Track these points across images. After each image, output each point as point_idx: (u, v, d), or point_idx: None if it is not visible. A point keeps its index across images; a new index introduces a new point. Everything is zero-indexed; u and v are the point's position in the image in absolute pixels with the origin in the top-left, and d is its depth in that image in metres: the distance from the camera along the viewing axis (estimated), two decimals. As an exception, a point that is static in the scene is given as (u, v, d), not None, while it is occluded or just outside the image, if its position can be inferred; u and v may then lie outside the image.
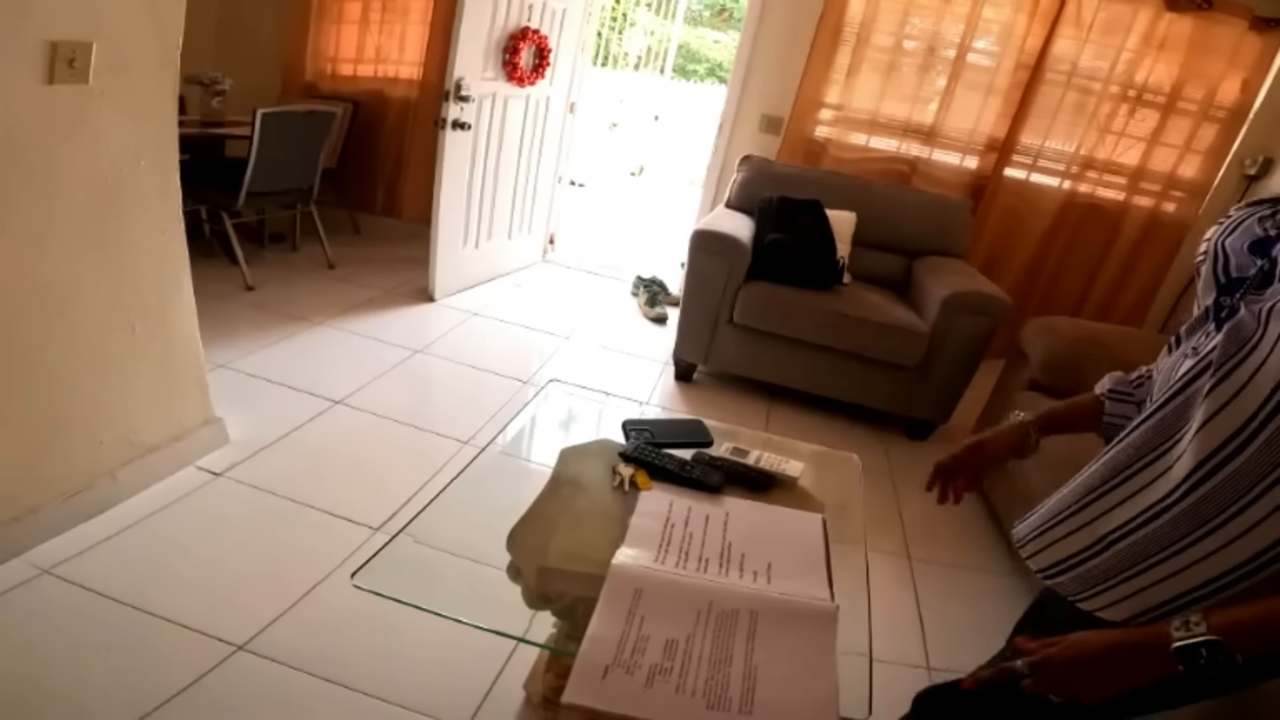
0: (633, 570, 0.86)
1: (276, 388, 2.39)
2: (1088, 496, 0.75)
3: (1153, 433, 0.71)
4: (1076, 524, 0.75)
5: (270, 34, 4.13)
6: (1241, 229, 0.75)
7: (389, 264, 3.72)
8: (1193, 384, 0.68)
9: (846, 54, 3.40)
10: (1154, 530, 0.68)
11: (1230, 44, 3.10)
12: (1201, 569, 0.65)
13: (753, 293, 2.71)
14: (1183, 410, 0.68)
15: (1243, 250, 0.73)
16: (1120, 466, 0.72)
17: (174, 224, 1.73)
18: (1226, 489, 0.63)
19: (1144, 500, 0.69)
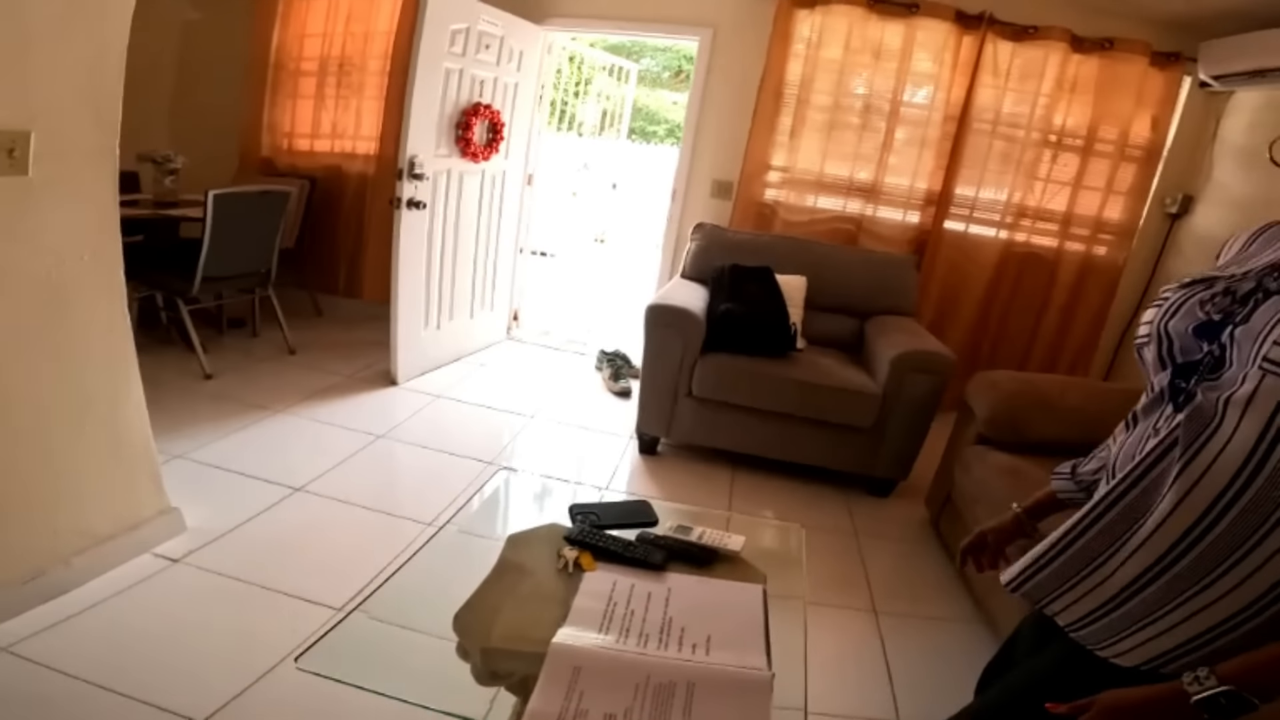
0: (572, 648, 0.88)
1: (235, 476, 2.38)
2: (1099, 557, 0.78)
3: (1138, 499, 0.75)
4: (1095, 581, 0.78)
5: (225, 110, 4.21)
6: (1183, 312, 0.80)
7: (352, 347, 3.75)
8: (1161, 461, 0.74)
9: (789, 115, 3.54)
10: (1164, 584, 0.72)
11: (1135, 81, 3.29)
12: (1202, 618, 0.71)
13: (709, 365, 2.79)
14: (1158, 482, 0.73)
15: (1187, 334, 0.78)
16: (1118, 532, 0.76)
17: (119, 320, 1.76)
18: (1209, 554, 0.69)
19: (1147, 558, 0.73)
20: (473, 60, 3.28)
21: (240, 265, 3.33)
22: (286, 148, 4.22)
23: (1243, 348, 0.70)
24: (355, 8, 3.93)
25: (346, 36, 3.97)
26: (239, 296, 3.68)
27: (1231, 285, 0.78)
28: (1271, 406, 0.65)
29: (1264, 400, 0.66)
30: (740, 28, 3.55)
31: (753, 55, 3.49)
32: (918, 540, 2.59)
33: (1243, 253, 0.87)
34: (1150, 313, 0.85)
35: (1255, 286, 0.75)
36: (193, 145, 3.87)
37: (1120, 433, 0.89)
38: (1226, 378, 0.70)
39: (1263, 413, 0.66)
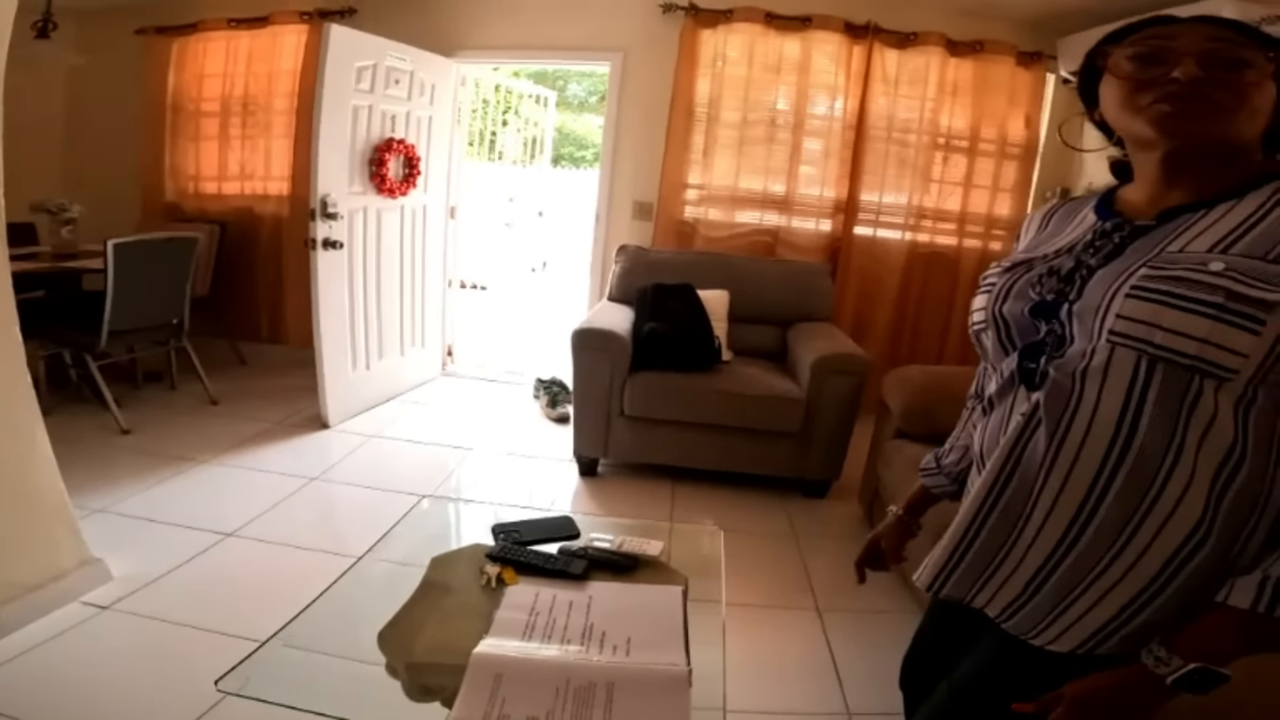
0: (492, 656, 0.91)
1: (162, 526, 2.34)
2: (1005, 545, 0.77)
3: (1020, 484, 0.76)
4: (1009, 569, 0.77)
5: (123, 156, 4.12)
6: (1014, 295, 0.82)
7: (279, 394, 3.67)
8: (1029, 441, 0.75)
9: (701, 134, 3.66)
10: (1072, 562, 0.73)
11: (1006, 81, 3.54)
12: (1119, 592, 0.72)
13: (638, 384, 2.85)
14: (1030, 461, 0.74)
15: (1023, 315, 0.80)
16: (1013, 519, 0.76)
17: (20, 379, 1.75)
18: (1108, 525, 0.71)
19: (1050, 540, 0.74)
20: (382, 96, 3.29)
21: (149, 317, 3.24)
22: (193, 191, 4.14)
23: (1083, 322, 0.73)
24: (256, 47, 3.91)
25: (249, 76, 3.94)
26: (153, 349, 3.55)
27: (1053, 265, 0.81)
28: (1128, 375, 0.68)
29: (1119, 370, 0.69)
30: (649, 50, 3.66)
31: (662, 77, 3.62)
32: (855, 537, 2.68)
33: (1040, 234, 0.92)
34: (980, 299, 0.87)
35: (1076, 264, 0.79)
36: (90, 194, 3.76)
37: (978, 419, 0.90)
38: (1072, 353, 0.73)
39: (1121, 382, 0.69)
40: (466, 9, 3.76)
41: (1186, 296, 0.66)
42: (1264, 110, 0.73)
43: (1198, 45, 0.72)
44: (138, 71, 4.05)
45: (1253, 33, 0.73)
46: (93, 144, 4.13)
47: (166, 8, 3.96)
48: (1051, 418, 0.73)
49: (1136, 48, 0.77)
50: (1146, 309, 0.67)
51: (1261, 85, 0.72)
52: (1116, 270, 0.73)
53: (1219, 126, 0.72)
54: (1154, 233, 0.75)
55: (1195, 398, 0.67)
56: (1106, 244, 0.78)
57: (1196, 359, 0.66)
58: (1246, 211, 0.71)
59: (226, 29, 3.90)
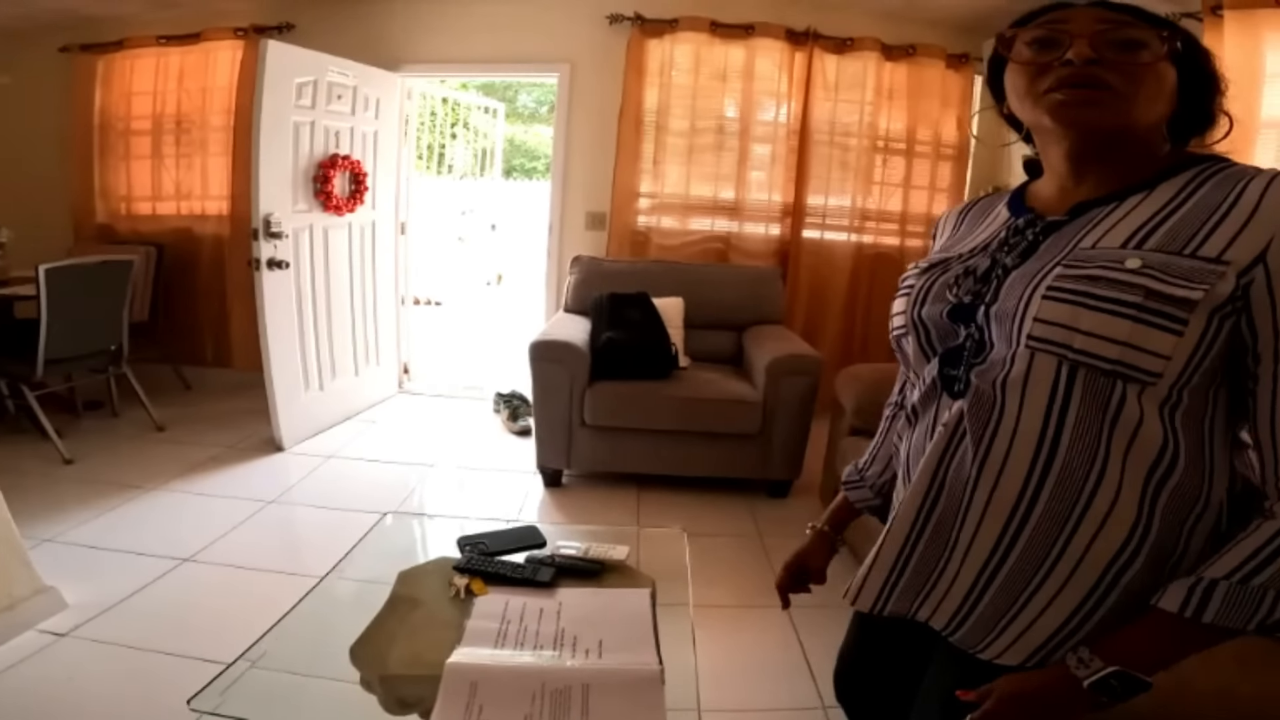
0: (466, 665, 0.92)
1: (114, 554, 2.28)
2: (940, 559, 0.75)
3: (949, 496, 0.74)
4: (947, 582, 0.75)
5: (51, 176, 3.97)
6: (932, 298, 0.79)
7: (228, 418, 3.57)
8: (955, 452, 0.73)
9: (650, 143, 3.70)
10: (1009, 572, 0.71)
11: (938, 84, 3.67)
12: (1060, 603, 0.69)
13: (598, 393, 2.86)
14: (958, 473, 0.73)
15: (942, 319, 0.77)
16: (946, 532, 0.74)
17: None
18: (1040, 535, 0.69)
19: (983, 551, 0.72)
20: (324, 111, 3.24)
21: (87, 344, 3.13)
22: (125, 212, 4.01)
23: (1002, 326, 0.71)
24: (188, 64, 3.81)
25: (181, 93, 3.84)
26: (91, 377, 3.43)
27: (969, 265, 0.79)
28: (1049, 382, 0.66)
29: (1039, 377, 0.67)
30: (596, 61, 3.69)
31: (611, 87, 3.65)
32: (817, 534, 2.74)
33: (955, 233, 0.91)
34: (900, 303, 0.84)
35: (991, 264, 0.76)
36: (17, 217, 3.62)
37: (903, 429, 0.87)
38: (993, 359, 0.71)
39: (1042, 389, 0.67)
40: (409, 22, 3.74)
41: (1103, 296, 0.64)
42: (1163, 94, 0.71)
43: (1089, 27, 0.71)
44: (62, 90, 3.92)
45: (1144, 14, 0.73)
46: (16, 166, 3.96)
47: (92, 26, 3.84)
48: (976, 428, 0.70)
49: (1034, 32, 0.75)
50: (1063, 311, 0.65)
51: (1156, 67, 0.70)
52: (1031, 269, 0.71)
53: (1115, 112, 0.70)
54: (1066, 228, 0.73)
55: (1119, 404, 0.65)
56: (1020, 241, 0.76)
57: (1118, 363, 0.64)
58: (1159, 203, 0.69)
59: (156, 45, 3.79)
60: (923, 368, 0.80)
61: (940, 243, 0.93)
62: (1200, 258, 0.64)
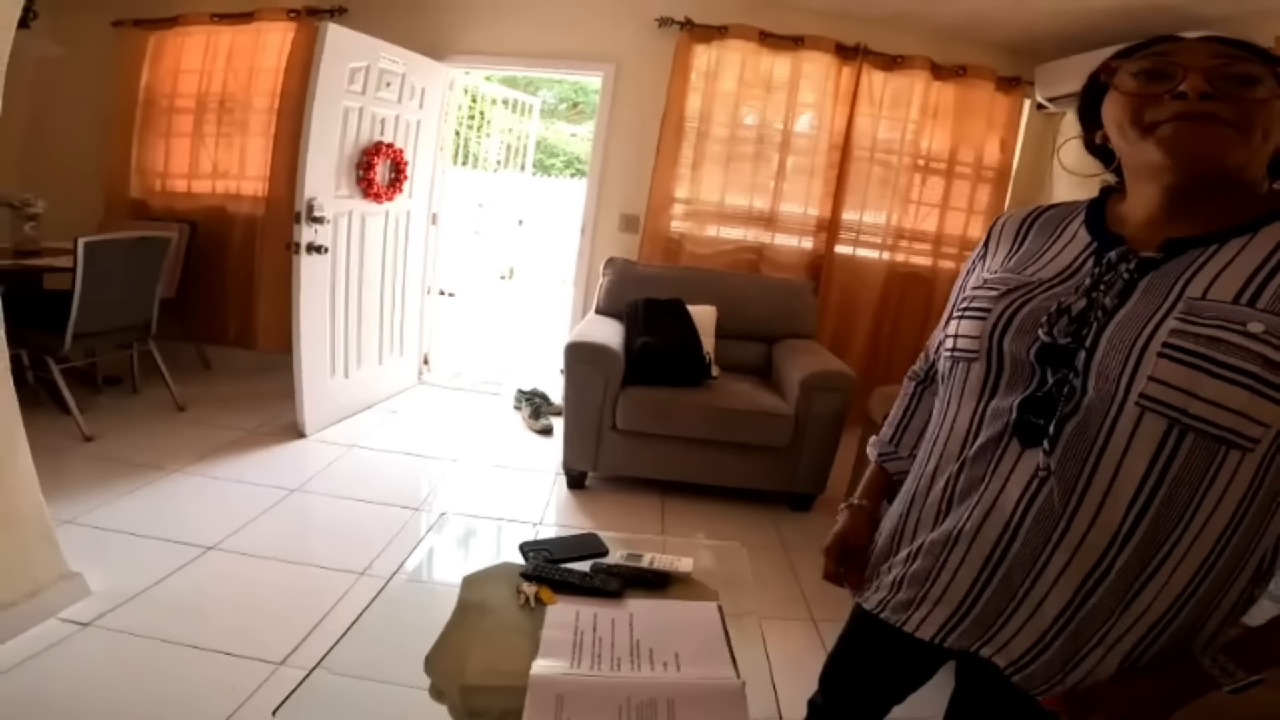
0: (551, 678, 0.89)
1: (136, 539, 2.23)
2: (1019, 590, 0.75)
3: (1032, 530, 0.73)
4: (1020, 622, 0.76)
5: (87, 149, 3.95)
6: (1016, 328, 0.76)
7: (249, 400, 3.54)
8: (1035, 501, 0.72)
9: (690, 148, 3.68)
10: (1086, 615, 0.72)
11: (985, 106, 3.64)
12: (1126, 642, 0.72)
13: (631, 398, 2.84)
14: (1042, 520, 0.72)
15: (1027, 356, 0.74)
16: (1028, 566, 0.74)
17: (2, 386, 1.65)
18: (1120, 585, 0.70)
19: (1065, 593, 0.72)
20: (373, 98, 3.23)
21: (116, 319, 3.10)
22: (160, 189, 3.98)
23: (1104, 376, 0.69)
24: (238, 43, 3.79)
25: (229, 73, 3.81)
26: (116, 352, 3.39)
27: (1061, 301, 0.75)
28: (1156, 442, 0.66)
29: (1146, 436, 0.66)
30: (642, 63, 3.67)
31: (654, 89, 3.63)
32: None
33: (1019, 247, 0.86)
34: (971, 325, 0.80)
35: (1088, 304, 0.73)
36: (52, 189, 3.58)
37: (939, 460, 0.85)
38: (1089, 408, 0.69)
39: (1147, 448, 0.66)
40: (459, 13, 3.73)
41: (1225, 363, 0.62)
42: (1275, 131, 0.70)
43: (1203, 61, 0.69)
44: (110, 65, 3.89)
45: (1258, 50, 0.71)
46: (57, 138, 3.95)
47: (146, 0, 3.82)
48: (1066, 481, 0.70)
49: (1141, 63, 0.73)
50: (1183, 374, 0.64)
51: (1271, 103, 0.68)
52: (1138, 317, 0.69)
53: (1231, 149, 0.68)
54: (1165, 268, 0.70)
55: (1220, 464, 0.65)
56: (1115, 279, 0.72)
57: (1229, 430, 0.63)
58: (1263, 251, 0.67)
59: (209, 24, 3.77)
60: (978, 400, 0.78)
61: (999, 256, 0.88)
62: None
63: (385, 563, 2.25)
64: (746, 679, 0.96)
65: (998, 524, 0.74)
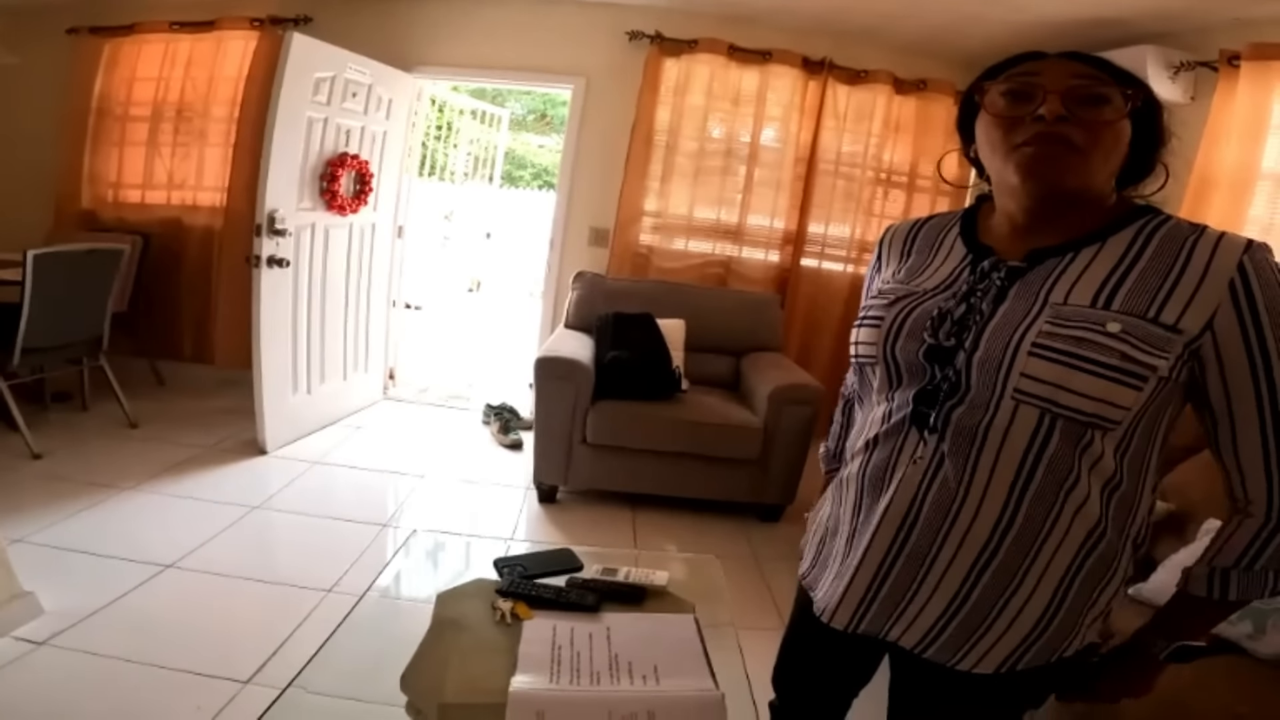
0: (531, 693, 0.88)
1: (90, 557, 2.15)
2: (916, 578, 0.81)
3: (928, 520, 0.79)
4: (922, 600, 0.81)
5: (37, 158, 3.82)
6: (906, 334, 0.83)
7: (206, 416, 3.45)
8: (932, 484, 0.79)
9: (659, 162, 3.69)
10: (980, 592, 0.78)
11: (944, 119, 3.69)
12: (1028, 613, 0.78)
13: (601, 412, 2.83)
14: (938, 503, 0.79)
15: (916, 358, 0.81)
16: (922, 553, 0.80)
17: None
18: (1013, 554, 0.77)
19: (961, 569, 0.79)
20: (339, 109, 3.18)
21: (66, 334, 3.00)
22: (112, 199, 3.85)
23: (984, 374, 0.76)
24: (198, 52, 3.70)
25: (187, 81, 3.72)
26: (65, 367, 3.27)
27: (943, 307, 0.82)
28: (1031, 429, 0.74)
29: (1022, 424, 0.74)
30: (611, 76, 3.69)
31: (624, 103, 3.65)
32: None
33: (905, 259, 0.94)
34: (868, 332, 0.87)
35: (968, 309, 0.80)
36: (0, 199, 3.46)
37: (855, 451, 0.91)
38: (974, 402, 0.77)
39: (1023, 434, 0.74)
40: (428, 23, 3.71)
41: (1088, 358, 0.71)
42: (1119, 150, 0.78)
43: (1062, 82, 0.76)
44: (63, 72, 3.78)
45: (1113, 70, 0.78)
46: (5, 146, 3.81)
47: (103, 7, 3.71)
48: (957, 463, 0.77)
49: (1009, 84, 0.80)
50: (1052, 370, 0.72)
51: (1116, 125, 0.76)
52: (1011, 320, 0.76)
53: (1078, 172, 0.76)
54: (1030, 275, 0.79)
55: (1088, 444, 0.74)
56: (989, 286, 0.81)
57: (1093, 416, 0.72)
58: (1113, 257, 0.77)
59: (167, 31, 3.68)
60: (884, 397, 0.86)
61: (889, 267, 0.96)
62: (1161, 324, 0.72)
63: (353, 579, 2.21)
64: (725, 690, 0.96)
65: (900, 507, 0.81)
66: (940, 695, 0.89)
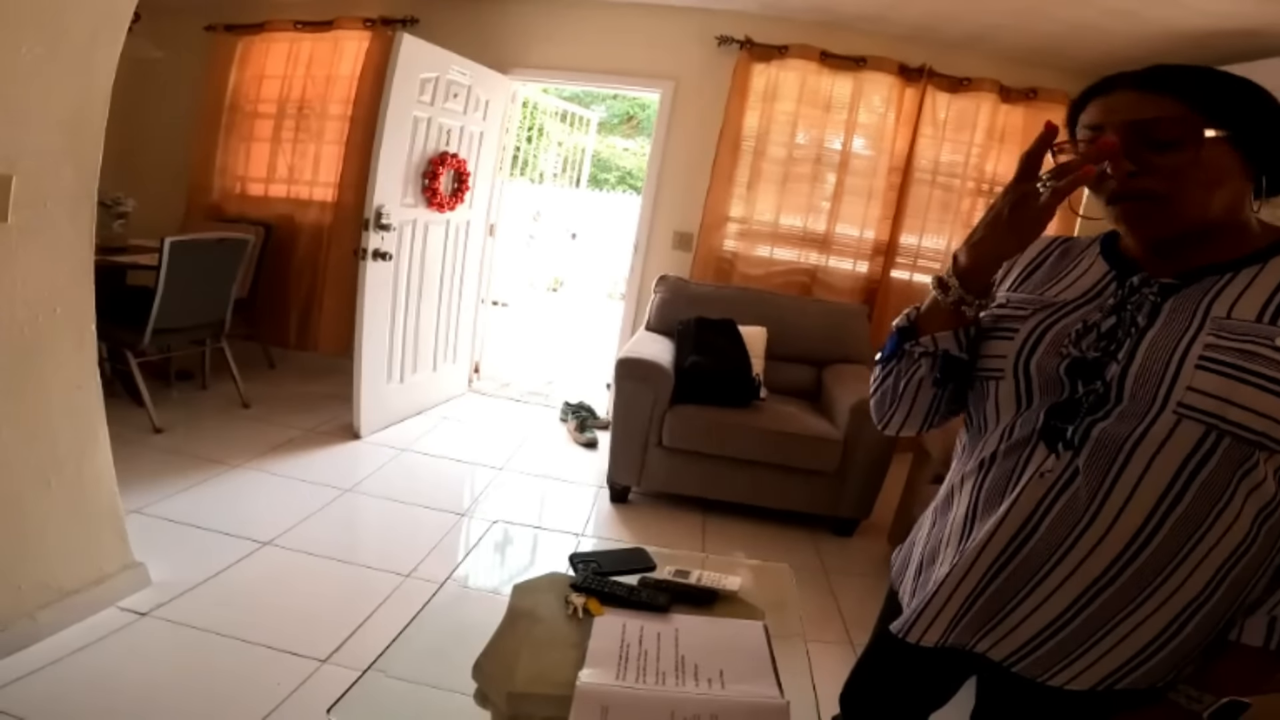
0: (597, 689, 0.90)
1: (197, 531, 2.31)
2: (1021, 593, 0.78)
3: (1045, 536, 0.75)
4: (1022, 614, 0.78)
5: (176, 151, 4.13)
6: (1044, 347, 0.78)
7: (308, 401, 3.67)
8: (1058, 500, 0.74)
9: (745, 167, 3.68)
10: (1097, 609, 0.75)
11: None
12: (1142, 633, 0.74)
13: (679, 416, 2.84)
14: (1062, 518, 0.74)
15: (1057, 372, 0.77)
16: (1035, 567, 0.76)
17: (90, 377, 1.73)
18: (1136, 578, 0.73)
19: (1077, 587, 0.75)
20: (441, 109, 3.33)
21: (194, 317, 3.24)
22: (239, 193, 4.14)
23: (1141, 387, 0.71)
24: (318, 51, 3.94)
25: (308, 80, 3.96)
26: (190, 348, 3.57)
27: (1088, 320, 0.78)
28: (1191, 445, 0.69)
29: (1180, 441, 0.69)
30: (701, 81, 3.70)
31: (712, 108, 3.66)
32: (883, 575, 2.64)
33: (1032, 272, 0.89)
34: (998, 344, 0.83)
35: (1118, 321, 0.76)
36: (139, 188, 3.77)
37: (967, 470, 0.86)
38: (1123, 415, 0.72)
39: (1180, 451, 0.69)
40: (524, 27, 3.82)
41: (1258, 373, 0.66)
42: (1218, 178, 0.71)
43: (1120, 116, 0.73)
44: (201, 68, 4.09)
45: (1179, 84, 0.72)
46: (149, 138, 4.14)
47: (238, 6, 4.00)
48: (1092, 479, 0.73)
49: (1089, 116, 0.77)
50: (1220, 383, 0.67)
51: (1200, 158, 0.70)
52: (1171, 333, 0.72)
53: (1171, 220, 0.72)
54: (1184, 291, 0.74)
55: (1251, 466, 0.69)
56: (1141, 300, 0.76)
57: (1261, 434, 0.67)
58: (1277, 277, 0.72)
59: (292, 30, 3.93)
60: (1008, 414, 0.81)
61: (1013, 279, 0.91)
62: None
63: (429, 566, 2.30)
64: (791, 700, 0.95)
65: (1016, 521, 0.77)
66: (1026, 712, 0.85)
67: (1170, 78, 0.73)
